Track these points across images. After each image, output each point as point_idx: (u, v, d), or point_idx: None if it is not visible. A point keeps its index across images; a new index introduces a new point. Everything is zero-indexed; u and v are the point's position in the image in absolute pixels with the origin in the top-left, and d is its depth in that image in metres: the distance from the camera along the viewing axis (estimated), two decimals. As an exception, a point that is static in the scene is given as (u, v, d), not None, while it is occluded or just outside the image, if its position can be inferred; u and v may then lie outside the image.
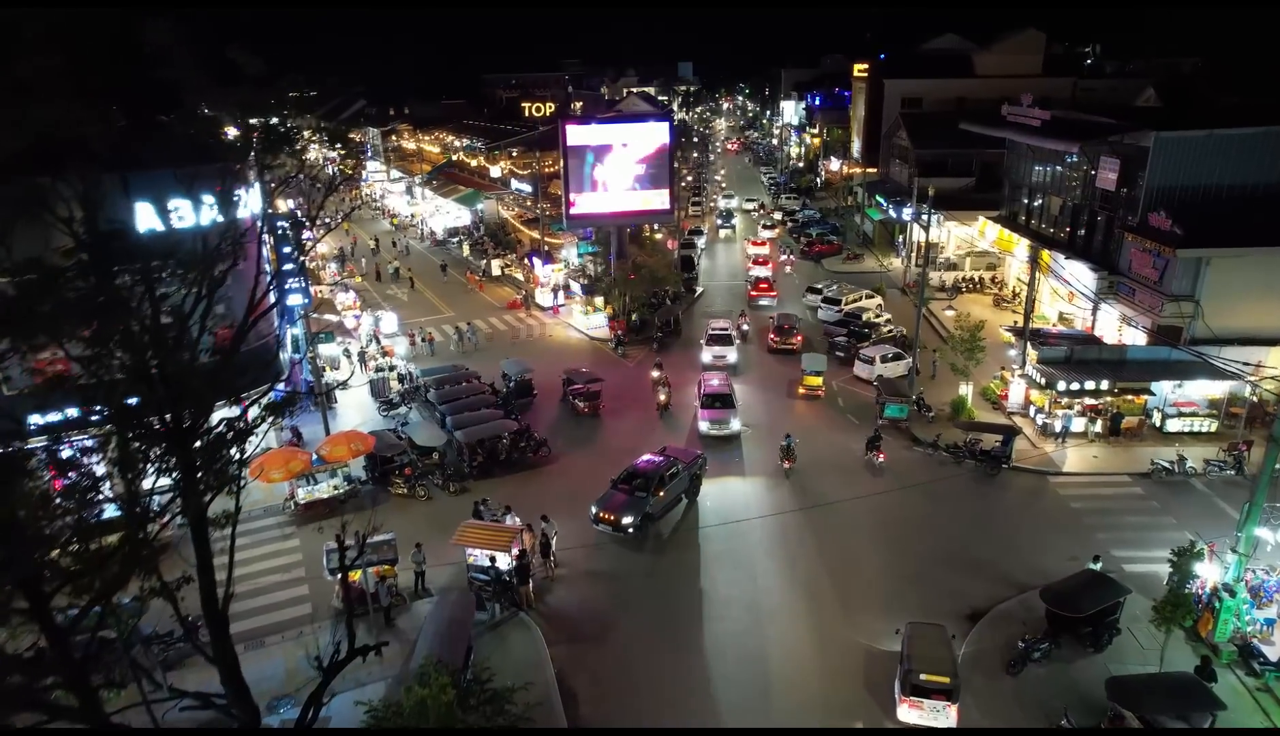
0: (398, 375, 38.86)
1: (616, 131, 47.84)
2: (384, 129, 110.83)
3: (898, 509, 27.83)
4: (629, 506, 26.00)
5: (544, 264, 51.95)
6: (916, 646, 18.89)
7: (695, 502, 28.67)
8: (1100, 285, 36.38)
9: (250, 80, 14.96)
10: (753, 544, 25.99)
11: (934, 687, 17.96)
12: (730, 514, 27.83)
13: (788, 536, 26.32)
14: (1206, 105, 54.19)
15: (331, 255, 66.51)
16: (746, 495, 29.19)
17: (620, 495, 26.53)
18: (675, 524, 27.55)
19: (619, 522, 25.69)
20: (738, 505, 28.42)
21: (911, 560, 24.87)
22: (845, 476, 30.12)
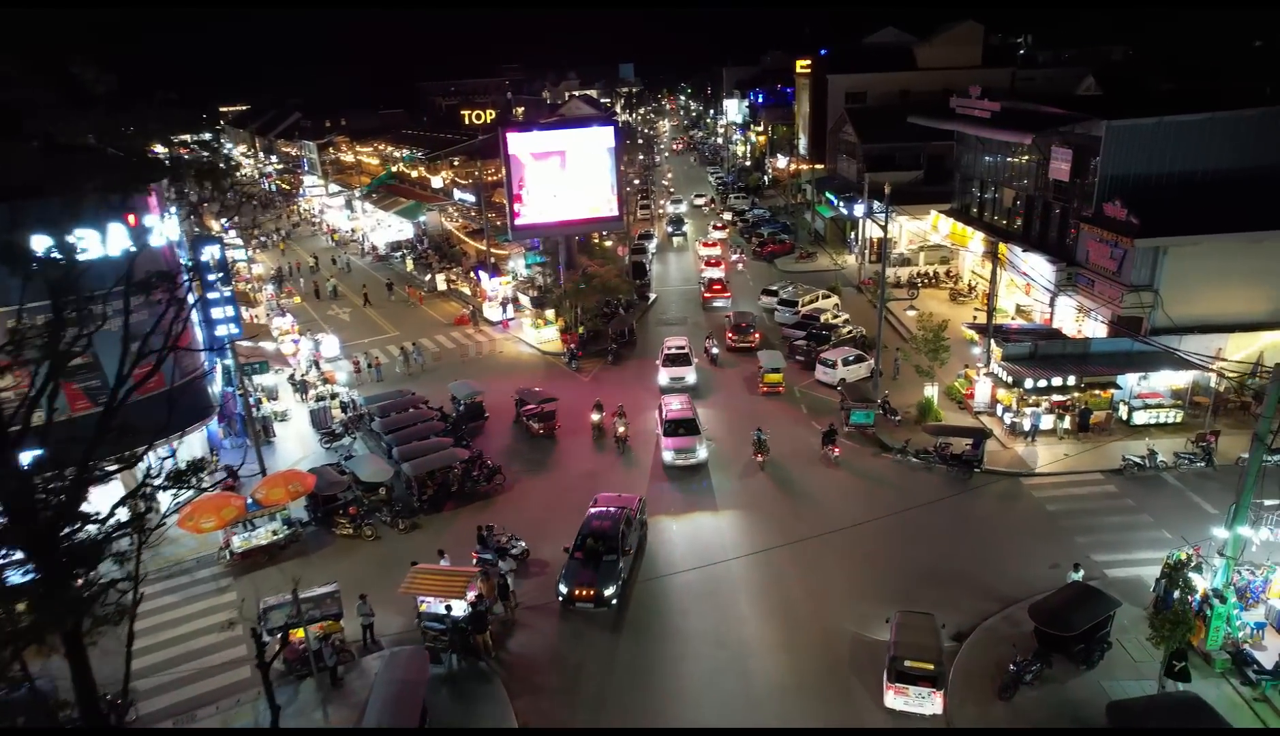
0: (340, 403, 36.73)
1: (559, 137, 46.28)
2: (320, 142, 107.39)
3: (871, 522, 26.72)
4: (604, 575, 22.87)
5: (490, 277, 50.09)
6: (903, 633, 19.34)
7: (644, 552, 25.75)
8: (1059, 277, 35.92)
9: (104, 100, 13.07)
10: (726, 579, 24.37)
11: (918, 674, 18.37)
12: (704, 553, 25.33)
13: (762, 569, 24.80)
14: (1146, 92, 54.67)
15: (269, 276, 63.72)
16: (719, 531, 26.74)
17: (586, 566, 23.21)
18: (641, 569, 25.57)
19: (600, 596, 22.47)
20: (711, 543, 26.00)
21: (891, 577, 23.77)
22: (817, 482, 29.01)
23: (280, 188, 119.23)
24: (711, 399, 37.03)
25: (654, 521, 27.30)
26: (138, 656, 16.45)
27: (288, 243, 79.38)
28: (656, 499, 28.60)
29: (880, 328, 35.02)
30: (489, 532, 25.49)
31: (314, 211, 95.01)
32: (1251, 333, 32.18)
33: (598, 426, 33.91)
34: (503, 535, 25.55)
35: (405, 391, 36.17)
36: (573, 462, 32.03)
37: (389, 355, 44.78)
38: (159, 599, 24.49)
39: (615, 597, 22.81)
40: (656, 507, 27.98)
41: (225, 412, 34.32)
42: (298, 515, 27.77)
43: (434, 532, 27.64)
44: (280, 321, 46.48)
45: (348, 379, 40.29)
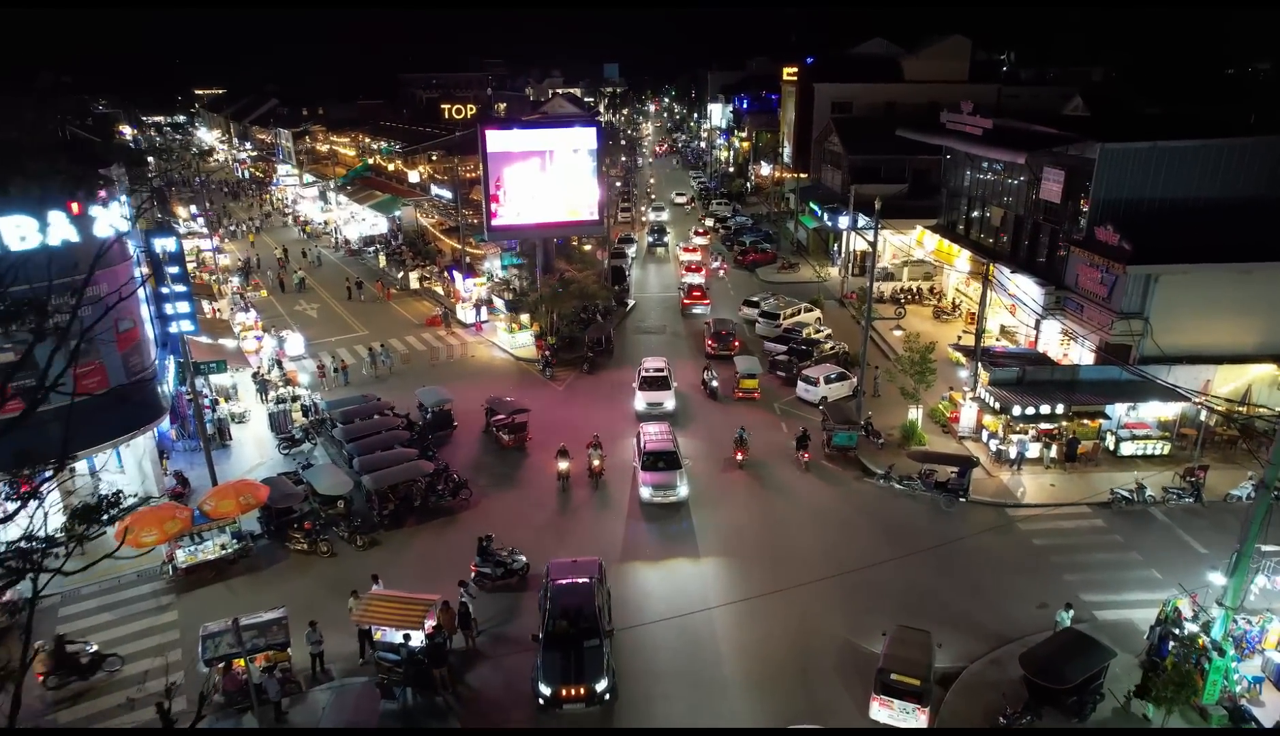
0: (301, 407, 35.05)
1: (540, 137, 44.84)
2: (296, 130, 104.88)
3: (854, 551, 25.67)
4: (591, 666, 19.21)
5: (465, 277, 48.55)
6: (895, 647, 19.35)
7: None
8: (1048, 301, 35.16)
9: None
10: (705, 621, 23.06)
11: (904, 688, 18.29)
12: (684, 602, 23.07)
13: (741, 609, 23.65)
14: (1133, 115, 54.41)
15: (235, 268, 61.60)
16: (703, 579, 24.43)
17: (566, 656, 19.37)
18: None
19: (593, 694, 18.95)
20: (693, 592, 23.69)
21: (876, 616, 22.63)
22: (797, 507, 27.89)
23: (254, 175, 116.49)
24: (692, 428, 35.73)
25: (629, 567, 24.99)
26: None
27: (258, 234, 77.03)
28: (633, 541, 26.52)
29: (865, 346, 34.02)
30: (489, 543, 24.17)
31: (287, 201, 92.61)
32: (1240, 365, 31.62)
33: (563, 476, 29.51)
34: (503, 548, 24.23)
35: (370, 396, 34.59)
36: (543, 478, 30.66)
37: (356, 356, 43.13)
38: (92, 617, 22.84)
39: (610, 692, 19.26)
40: (633, 552, 25.83)
41: (179, 413, 32.57)
42: (249, 527, 26.19)
43: (394, 549, 26.23)
44: (243, 317, 44.64)
45: (310, 381, 38.51)
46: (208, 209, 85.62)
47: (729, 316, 48.35)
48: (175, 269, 30.09)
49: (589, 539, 26.28)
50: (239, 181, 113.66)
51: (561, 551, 24.58)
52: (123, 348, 25.71)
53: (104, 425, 25.35)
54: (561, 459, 29.68)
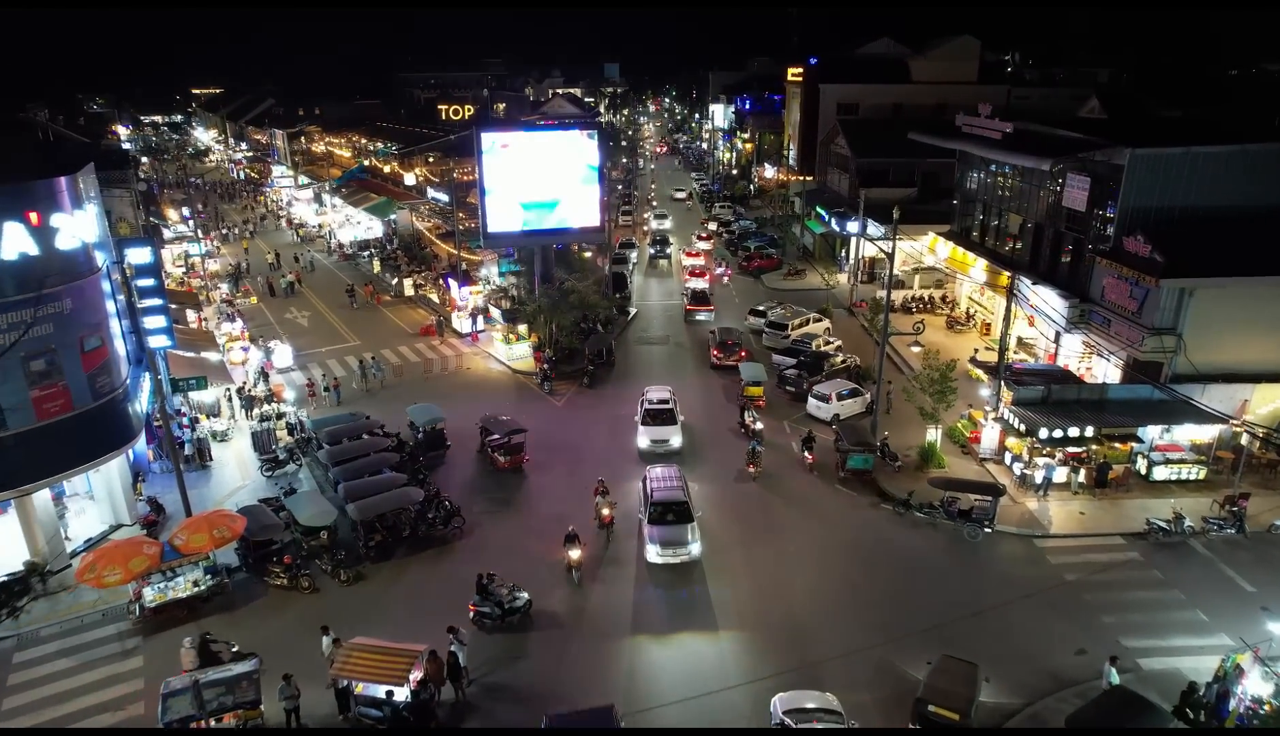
0: (286, 424, 33.31)
1: (538, 140, 43.09)
2: (291, 131, 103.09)
3: (873, 585, 23.95)
4: None
5: (460, 286, 46.77)
6: (937, 678, 18.30)
7: None
8: (1072, 314, 33.37)
9: None
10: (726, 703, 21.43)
11: (942, 722, 17.24)
12: (699, 683, 20.25)
13: (756, 654, 21.96)
14: (1154, 118, 52.66)
15: (225, 273, 59.81)
16: (721, 658, 21.25)
17: None
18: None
19: None
20: (710, 672, 20.70)
21: (899, 655, 20.92)
22: (813, 538, 26.14)
23: (249, 176, 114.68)
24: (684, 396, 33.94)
25: (635, 643, 21.85)
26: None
27: (252, 238, 75.09)
28: (642, 609, 23.16)
29: (881, 363, 32.21)
30: (490, 581, 22.42)
31: (282, 203, 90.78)
32: (1279, 384, 29.89)
33: (575, 566, 24.23)
34: (504, 585, 22.47)
35: (358, 414, 32.79)
36: (541, 503, 28.92)
37: (346, 367, 41.35)
38: (49, 664, 21.05)
39: None
40: (642, 625, 22.56)
41: (156, 432, 30.80)
42: (226, 560, 24.42)
43: (381, 584, 24.48)
44: (229, 327, 42.87)
45: (296, 397, 36.63)
46: (200, 211, 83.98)
47: (733, 325, 46.65)
48: (150, 280, 28.38)
49: (598, 604, 23.85)
50: (234, 182, 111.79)
51: (558, 602, 22.95)
52: (89, 367, 23.91)
53: (69, 450, 23.63)
54: (571, 547, 24.01)
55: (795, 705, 17.98)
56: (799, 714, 17.71)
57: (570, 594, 23.75)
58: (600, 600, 23.57)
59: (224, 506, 28.20)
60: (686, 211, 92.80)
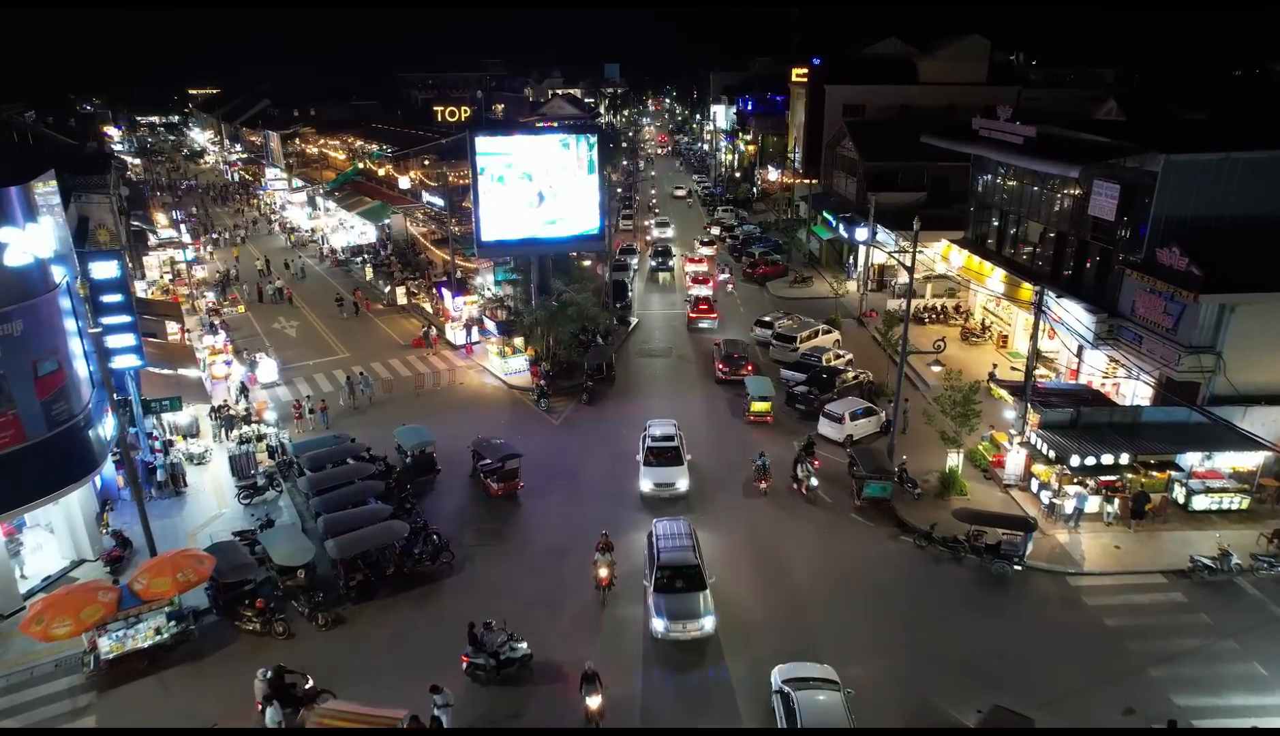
0: (267, 447, 31.40)
1: (535, 143, 41.08)
2: (284, 132, 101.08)
3: (897, 627, 22.06)
4: None
5: (454, 295, 44.84)
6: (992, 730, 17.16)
7: None
8: (1100, 329, 31.44)
9: None
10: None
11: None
12: None
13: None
14: (1177, 121, 50.80)
15: (213, 280, 57.87)
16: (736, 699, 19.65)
17: None
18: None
19: None
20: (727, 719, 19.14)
21: (928, 714, 19.06)
22: (830, 582, 24.23)
23: (244, 179, 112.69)
24: (690, 414, 31.97)
25: (647, 693, 19.93)
26: None
27: (243, 243, 73.02)
28: (651, 700, 20.01)
29: (900, 383, 30.25)
30: (485, 631, 20.50)
31: (275, 206, 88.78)
32: (1325, 406, 28.00)
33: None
34: (500, 631, 20.52)
35: (343, 436, 30.87)
36: (536, 535, 27.01)
37: (334, 381, 39.44)
38: (-6, 724, 19.16)
39: None
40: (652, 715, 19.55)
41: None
42: (195, 601, 22.50)
43: (363, 628, 22.57)
44: (211, 339, 40.94)
45: (278, 417, 34.62)
46: (192, 215, 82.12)
47: (738, 336, 44.82)
48: (117, 296, 26.57)
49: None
50: (227, 185, 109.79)
51: (559, 651, 21.06)
52: (44, 393, 22.00)
53: (20, 485, 21.73)
54: (589, 692, 18.71)
55: (794, 674, 18.81)
56: (798, 682, 18.45)
57: (574, 645, 21.76)
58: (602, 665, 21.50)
59: (198, 536, 26.48)
60: (687, 209, 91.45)
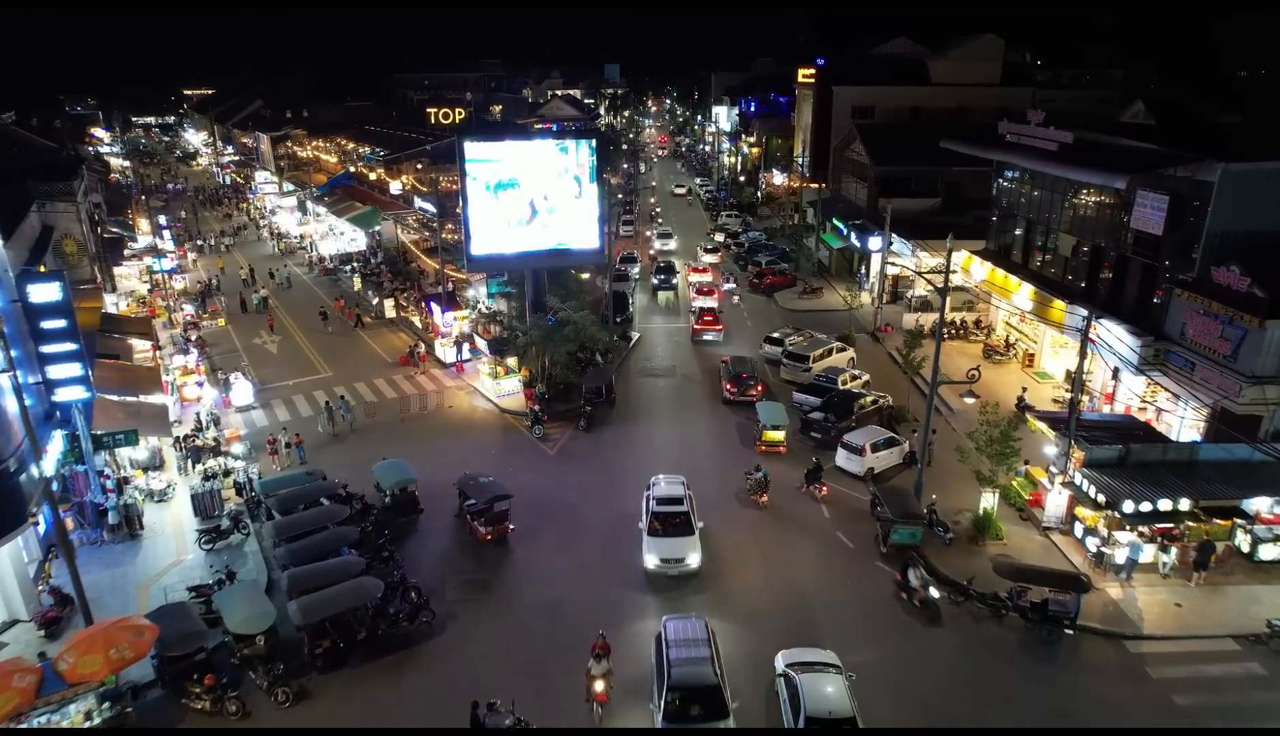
0: (235, 483, 28.67)
1: (530, 149, 38.30)
2: (275, 134, 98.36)
3: (935, 699, 19.36)
4: None
5: (444, 310, 42.11)
6: None
7: None
8: (1145, 354, 28.78)
9: None
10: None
11: None
12: None
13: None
14: (1211, 125, 48.02)
15: (192, 292, 55.13)
16: None
17: None
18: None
19: None
20: None
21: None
22: (856, 634, 21.52)
23: (235, 181, 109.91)
24: (691, 440, 29.28)
25: None
26: None
27: (229, 251, 70.17)
28: None
29: (929, 416, 27.46)
30: (489, 713, 17.82)
31: (265, 211, 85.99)
32: (1402, 442, 25.33)
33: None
34: (507, 713, 17.82)
35: (315, 473, 28.11)
36: (528, 587, 24.28)
37: (315, 403, 36.70)
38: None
39: None
40: None
41: (76, 499, 26.17)
42: (136, 674, 19.79)
43: (329, 705, 19.87)
44: (182, 360, 38.21)
45: (246, 450, 31.75)
46: (178, 220, 79.44)
47: (746, 352, 42.18)
48: (59, 322, 23.89)
49: None
50: (218, 188, 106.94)
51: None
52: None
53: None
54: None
55: (797, 659, 19.28)
56: (801, 665, 18.89)
57: (562, 721, 19.07)
58: None
59: (151, 589, 23.85)
60: (687, 207, 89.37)
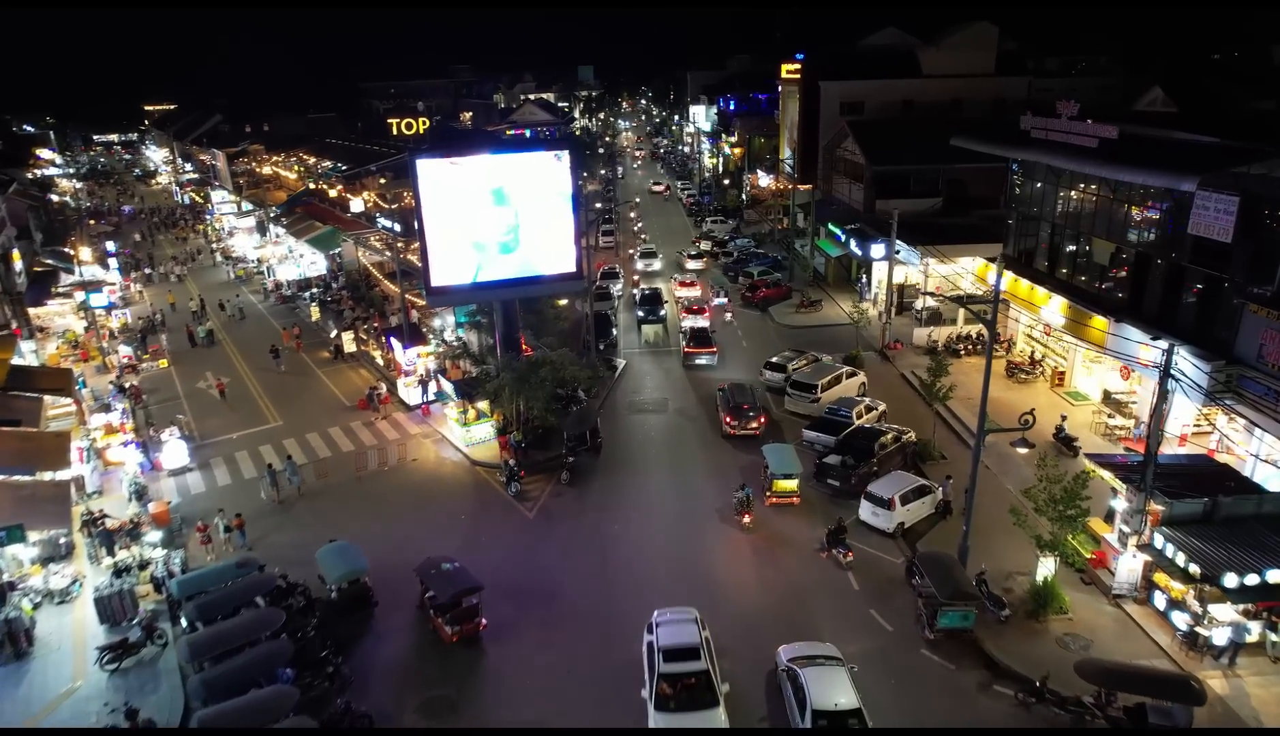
0: (152, 578, 24.07)
1: (494, 165, 33.70)
2: (231, 151, 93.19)
3: None
4: None
5: (406, 346, 37.58)
6: None
7: None
8: (1215, 380, 24.74)
9: None
10: None
11: None
12: None
13: None
14: (1244, 112, 44.43)
15: (134, 329, 50.12)
16: None
17: None
18: None
19: None
20: None
21: None
22: None
23: (194, 200, 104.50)
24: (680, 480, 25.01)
25: None
26: None
27: (181, 281, 64.93)
28: None
29: (975, 473, 23.19)
30: None
31: (222, 233, 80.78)
32: None
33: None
34: None
35: (250, 563, 23.47)
36: (504, 704, 19.85)
37: (258, 466, 32.05)
38: None
39: None
40: None
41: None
42: None
43: None
44: (103, 418, 33.47)
45: (166, 535, 26.84)
46: (126, 247, 74.33)
47: (743, 376, 38.12)
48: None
49: None
50: (175, 208, 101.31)
51: None
52: None
53: None
54: None
55: (799, 654, 19.07)
56: (803, 660, 18.67)
57: None
58: None
59: (36, 731, 19.17)
60: (668, 212, 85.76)
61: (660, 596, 22.51)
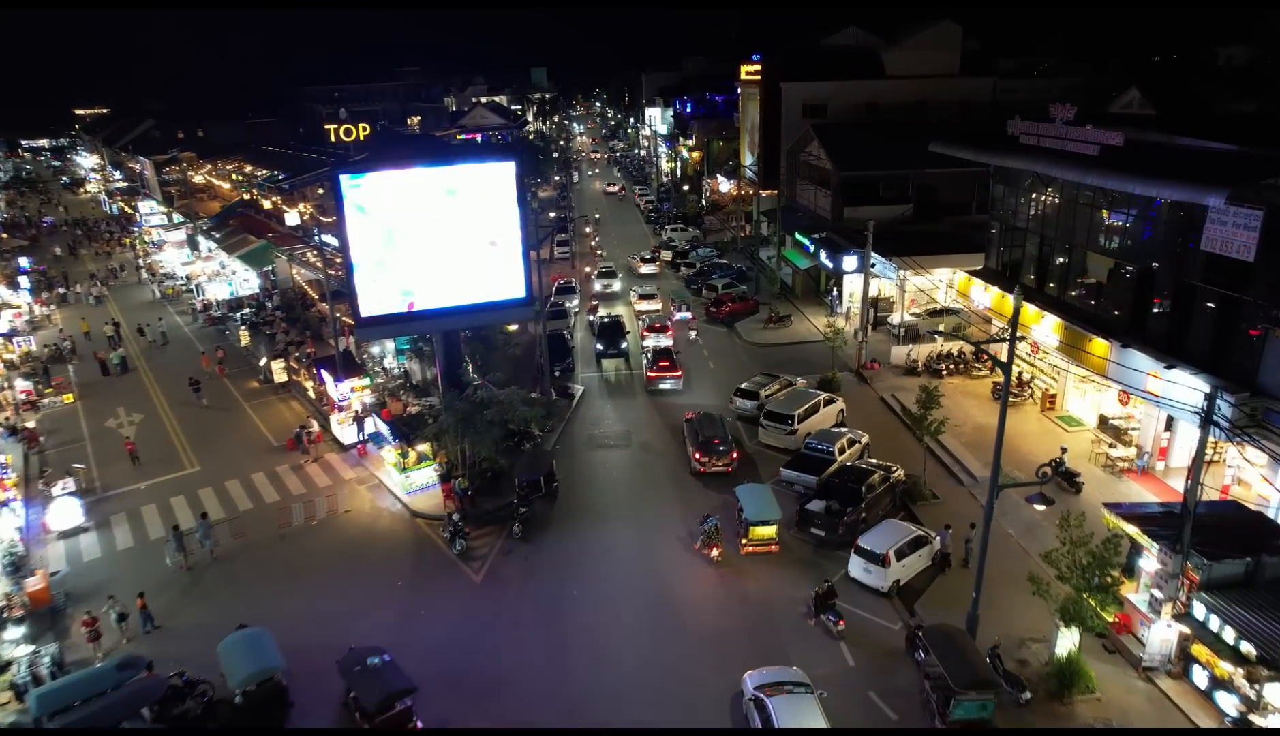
0: (11, 684, 20.03)
1: (432, 179, 29.96)
2: (160, 158, 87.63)
3: None
4: None
5: (338, 379, 33.77)
6: None
7: None
8: (1241, 412, 22.21)
9: None
10: None
11: None
12: None
13: None
14: (1229, 114, 42.62)
15: (37, 358, 45.31)
16: None
17: None
18: None
19: None
20: None
21: None
22: None
23: (124, 212, 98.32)
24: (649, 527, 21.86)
25: None
26: None
27: (99, 302, 59.82)
28: None
29: (987, 535, 20.32)
30: None
31: (150, 246, 75.34)
32: None
33: None
34: None
35: (136, 663, 19.58)
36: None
37: (166, 523, 28.00)
38: None
39: None
40: None
41: None
42: None
43: None
44: (-17, 473, 29.19)
45: (32, 627, 22.51)
46: (43, 263, 68.92)
47: (713, 403, 35.09)
48: None
49: None
50: (101, 219, 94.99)
51: None
52: None
53: None
54: None
55: (766, 680, 18.34)
56: (771, 687, 17.97)
57: None
58: None
59: None
60: (625, 218, 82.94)
61: (628, 682, 19.28)
